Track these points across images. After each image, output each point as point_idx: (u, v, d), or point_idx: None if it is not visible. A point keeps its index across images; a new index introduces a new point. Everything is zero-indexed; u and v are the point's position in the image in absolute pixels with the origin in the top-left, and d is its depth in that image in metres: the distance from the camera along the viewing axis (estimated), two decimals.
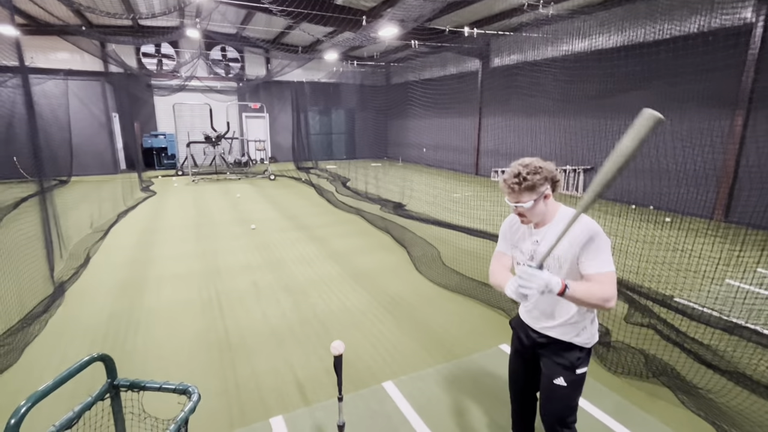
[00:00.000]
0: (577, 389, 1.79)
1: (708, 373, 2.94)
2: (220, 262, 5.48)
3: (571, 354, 1.75)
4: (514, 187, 1.62)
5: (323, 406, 2.72)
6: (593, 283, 1.56)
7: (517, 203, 1.64)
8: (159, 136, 15.36)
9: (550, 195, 1.65)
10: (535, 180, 1.59)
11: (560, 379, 1.75)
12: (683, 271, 4.73)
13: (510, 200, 1.67)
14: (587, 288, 1.54)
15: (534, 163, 1.62)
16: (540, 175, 1.60)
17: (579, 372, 1.76)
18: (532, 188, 1.60)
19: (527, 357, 1.92)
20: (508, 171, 1.67)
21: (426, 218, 7.50)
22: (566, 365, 1.75)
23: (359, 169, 15.08)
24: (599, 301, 1.53)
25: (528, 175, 1.59)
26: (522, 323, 1.92)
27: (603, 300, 1.53)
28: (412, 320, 3.92)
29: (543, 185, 1.61)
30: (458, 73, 14.43)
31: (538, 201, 1.63)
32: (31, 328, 3.66)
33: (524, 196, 1.62)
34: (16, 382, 2.98)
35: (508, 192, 1.66)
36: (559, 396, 1.77)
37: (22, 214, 7.68)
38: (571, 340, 1.74)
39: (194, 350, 3.40)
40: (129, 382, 1.40)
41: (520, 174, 1.60)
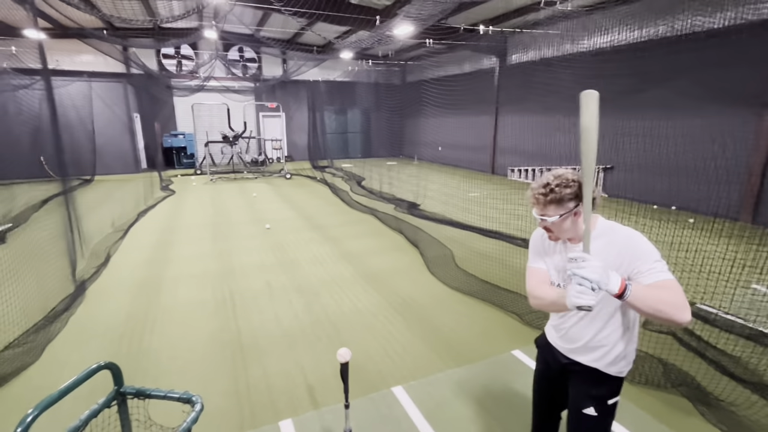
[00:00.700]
0: (609, 418, 1.62)
1: (731, 384, 2.83)
2: (234, 262, 5.55)
3: (604, 384, 1.58)
4: (540, 198, 1.48)
5: (332, 410, 2.73)
6: (661, 290, 1.33)
7: (542, 216, 1.51)
8: (178, 135, 15.66)
9: (580, 214, 1.47)
10: (563, 194, 1.44)
11: (590, 409, 1.59)
12: (706, 276, 4.56)
13: (536, 212, 1.53)
14: (656, 293, 1.30)
15: (567, 175, 1.47)
16: (571, 190, 1.44)
17: (611, 402, 1.59)
18: (559, 202, 1.45)
19: (553, 379, 1.77)
20: (537, 180, 1.53)
21: (440, 218, 7.44)
22: (597, 395, 1.58)
23: (374, 167, 15.07)
24: (672, 308, 1.27)
25: (557, 187, 1.45)
26: (549, 345, 1.77)
27: (676, 307, 1.27)
28: (423, 323, 3.89)
29: (572, 201, 1.45)
30: (474, 71, 14.26)
31: (566, 217, 1.47)
32: (53, 326, 3.78)
33: (550, 209, 1.47)
34: (39, 379, 3.08)
35: (534, 202, 1.52)
36: (589, 427, 1.61)
37: (47, 212, 7.96)
38: (606, 369, 1.57)
39: (207, 350, 3.46)
40: (135, 390, 1.42)
41: (549, 185, 1.46)
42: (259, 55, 16.39)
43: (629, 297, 1.29)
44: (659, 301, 1.29)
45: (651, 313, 1.30)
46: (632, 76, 8.05)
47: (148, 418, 1.52)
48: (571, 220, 1.49)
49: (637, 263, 1.40)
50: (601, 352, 1.57)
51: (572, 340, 1.64)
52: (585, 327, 1.58)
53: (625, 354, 1.57)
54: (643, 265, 1.39)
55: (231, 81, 16.15)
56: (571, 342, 1.65)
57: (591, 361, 1.59)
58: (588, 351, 1.59)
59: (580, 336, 1.60)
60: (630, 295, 1.29)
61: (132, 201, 9.43)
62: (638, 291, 1.30)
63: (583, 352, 1.61)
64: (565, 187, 1.44)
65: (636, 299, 1.29)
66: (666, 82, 7.57)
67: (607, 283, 1.28)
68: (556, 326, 1.72)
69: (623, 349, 1.56)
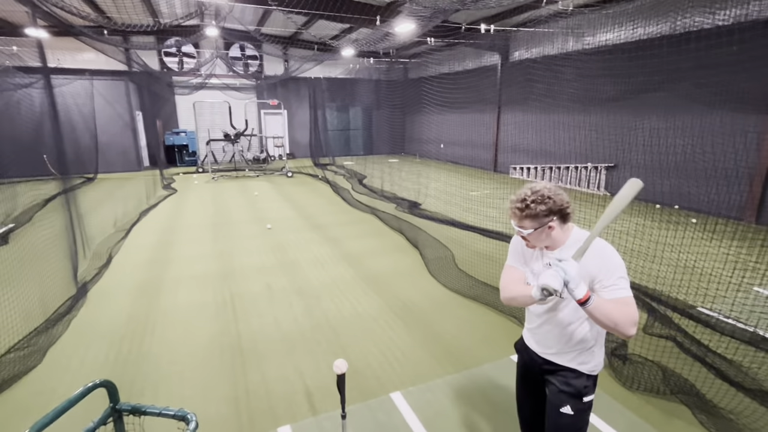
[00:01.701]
0: (585, 416, 1.73)
1: (731, 391, 2.82)
2: (235, 264, 5.56)
3: (578, 381, 1.69)
4: (516, 212, 1.58)
5: (330, 416, 2.74)
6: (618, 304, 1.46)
7: (518, 227, 1.61)
8: (180, 133, 15.67)
9: (554, 227, 1.57)
10: (538, 210, 1.53)
11: (567, 407, 1.69)
12: (708, 278, 4.54)
13: (513, 223, 1.63)
14: (614, 306, 1.44)
15: (543, 191, 1.55)
16: (545, 206, 1.53)
17: (586, 400, 1.70)
18: (534, 217, 1.55)
19: (532, 383, 1.87)
20: (516, 193, 1.62)
21: (441, 218, 7.43)
22: (573, 393, 1.69)
23: (376, 165, 15.05)
24: (625, 323, 1.42)
25: (532, 203, 1.53)
26: (526, 347, 1.86)
27: (630, 323, 1.43)
28: (422, 327, 3.89)
29: (547, 217, 1.54)
30: (477, 68, 14.17)
31: (540, 231, 1.57)
32: (54, 329, 3.80)
33: (525, 222, 1.57)
34: (40, 384, 3.10)
35: (511, 215, 1.63)
36: (566, 424, 1.72)
37: (50, 212, 8.00)
38: (578, 367, 1.69)
39: (207, 354, 3.47)
40: (130, 407, 1.43)
41: (525, 200, 1.55)
42: (261, 53, 16.34)
43: (590, 305, 1.42)
44: (614, 315, 1.43)
45: (604, 323, 1.45)
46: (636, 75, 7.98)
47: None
48: (545, 233, 1.58)
49: (602, 276, 1.51)
50: (574, 353, 1.68)
51: (544, 339, 1.75)
52: (554, 323, 1.69)
53: (594, 351, 1.68)
54: (608, 279, 1.51)
55: (232, 79, 16.11)
56: (542, 341, 1.76)
57: (566, 361, 1.70)
58: (558, 346, 1.70)
59: (550, 332, 1.71)
60: (591, 304, 1.42)
61: (134, 200, 9.45)
62: (600, 303, 1.43)
63: (555, 348, 1.72)
64: (540, 204, 1.53)
65: (596, 309, 1.43)
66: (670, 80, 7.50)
67: (577, 285, 1.40)
68: (532, 330, 1.81)
69: (591, 345, 1.67)
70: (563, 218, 1.58)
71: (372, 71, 16.95)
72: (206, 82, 14.95)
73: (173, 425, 1.51)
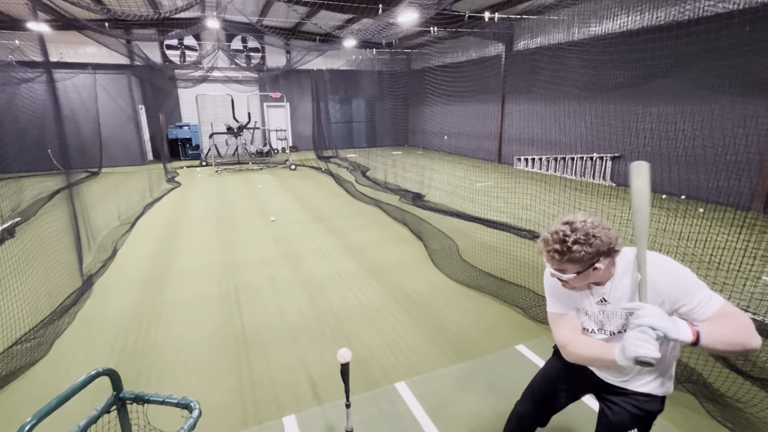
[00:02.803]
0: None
1: (738, 380, 2.80)
2: (239, 255, 5.57)
3: (652, 405, 1.48)
4: (554, 255, 1.31)
5: (335, 406, 2.74)
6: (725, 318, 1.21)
7: (557, 270, 1.35)
8: (183, 127, 15.67)
9: (601, 268, 1.31)
10: (583, 254, 1.26)
11: (634, 430, 1.48)
12: (715, 268, 4.49)
13: (550, 265, 1.37)
14: (725, 327, 1.17)
15: (586, 227, 1.27)
16: (592, 248, 1.26)
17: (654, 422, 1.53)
18: (578, 261, 1.29)
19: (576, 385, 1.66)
20: (551, 231, 1.34)
21: (445, 209, 7.40)
22: (643, 417, 1.47)
23: (379, 157, 15.00)
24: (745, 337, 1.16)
25: (574, 245, 1.26)
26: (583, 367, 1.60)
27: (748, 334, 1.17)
28: (427, 317, 3.89)
29: (593, 259, 1.28)
30: (480, 58, 14.02)
31: (585, 273, 1.32)
32: (60, 321, 3.83)
33: (567, 266, 1.32)
34: (46, 375, 3.13)
35: (547, 258, 1.35)
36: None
37: (56, 206, 8.04)
38: (654, 391, 1.48)
39: (212, 345, 3.49)
40: (134, 395, 1.43)
41: (566, 242, 1.28)
42: (263, 45, 16.24)
43: (704, 342, 1.16)
44: (733, 334, 1.17)
45: (727, 349, 1.18)
46: (641, 63, 7.86)
47: (148, 422, 1.53)
48: (591, 275, 1.34)
49: (684, 297, 1.26)
50: (652, 377, 1.47)
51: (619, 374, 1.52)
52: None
53: (671, 374, 1.49)
54: (692, 299, 1.25)
55: (234, 71, 16.06)
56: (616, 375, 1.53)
57: (639, 386, 1.49)
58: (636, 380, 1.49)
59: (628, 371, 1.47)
60: (704, 338, 1.16)
61: (138, 193, 9.48)
62: (710, 332, 1.17)
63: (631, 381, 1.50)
64: (585, 245, 1.26)
65: (711, 341, 1.16)
66: (678, 68, 7.38)
67: (678, 331, 1.15)
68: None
69: (671, 368, 1.48)
70: (610, 254, 1.32)
71: (375, 62, 16.83)
72: (208, 75, 14.91)
73: (177, 413, 1.51)
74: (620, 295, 1.38)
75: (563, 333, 1.47)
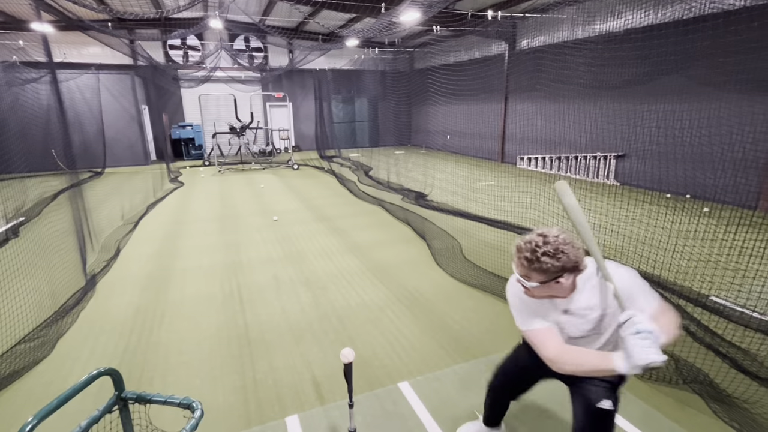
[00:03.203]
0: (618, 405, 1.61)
1: (745, 380, 2.76)
2: (242, 255, 5.57)
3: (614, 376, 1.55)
4: (523, 262, 1.40)
5: (338, 406, 2.73)
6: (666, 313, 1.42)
7: (522, 276, 1.43)
8: (186, 127, 15.70)
9: (563, 283, 1.40)
10: (550, 266, 1.35)
11: (607, 402, 1.53)
12: (721, 267, 4.45)
13: (516, 271, 1.46)
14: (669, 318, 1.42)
15: (558, 242, 1.35)
16: (558, 263, 1.35)
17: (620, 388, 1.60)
18: (543, 272, 1.37)
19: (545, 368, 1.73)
20: (525, 240, 1.43)
21: (448, 209, 7.37)
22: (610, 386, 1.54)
23: (382, 157, 14.97)
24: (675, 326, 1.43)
25: (543, 256, 1.35)
26: None
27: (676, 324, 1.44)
28: (430, 317, 3.87)
29: (557, 273, 1.37)
30: (483, 57, 13.97)
31: (548, 285, 1.41)
32: (64, 321, 3.83)
33: (533, 274, 1.39)
34: (50, 374, 3.13)
35: (517, 263, 1.44)
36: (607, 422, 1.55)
37: (59, 206, 8.07)
38: None
39: (215, 344, 3.48)
40: (135, 395, 1.42)
41: (536, 252, 1.36)
42: (265, 45, 16.25)
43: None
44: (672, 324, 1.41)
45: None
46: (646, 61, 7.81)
47: (150, 423, 1.52)
48: (553, 288, 1.43)
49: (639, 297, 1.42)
50: None
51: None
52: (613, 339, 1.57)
53: None
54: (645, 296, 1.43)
55: (237, 71, 16.07)
56: None
57: None
58: None
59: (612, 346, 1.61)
60: None
61: (141, 193, 9.51)
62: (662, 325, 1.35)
63: None
64: (552, 258, 1.35)
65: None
66: (682, 66, 7.32)
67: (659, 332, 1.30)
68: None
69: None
70: (574, 271, 1.41)
71: (377, 62, 16.80)
72: (211, 75, 14.93)
73: (179, 414, 1.50)
74: (584, 305, 1.48)
75: (552, 347, 1.49)
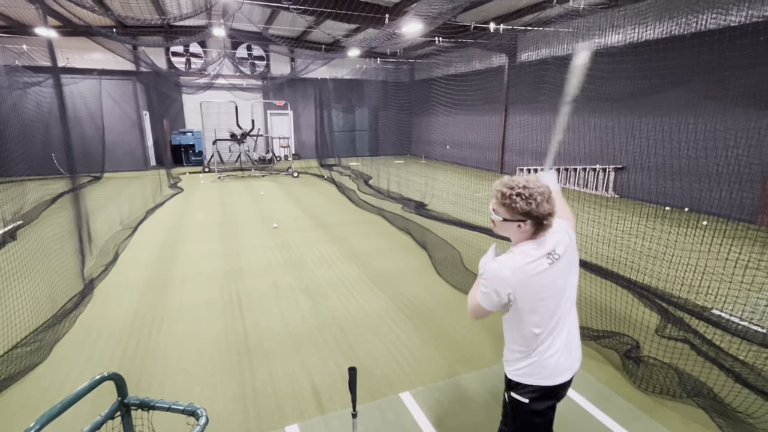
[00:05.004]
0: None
1: (750, 395, 2.75)
2: (242, 262, 5.54)
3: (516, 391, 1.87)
4: (498, 196, 1.53)
5: (339, 415, 2.69)
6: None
7: (493, 208, 1.57)
8: (187, 133, 15.72)
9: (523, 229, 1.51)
10: (518, 206, 1.45)
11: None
12: (721, 281, 4.45)
13: (491, 204, 1.60)
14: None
15: (535, 191, 1.45)
16: (527, 207, 1.44)
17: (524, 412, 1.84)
18: (510, 210, 1.48)
19: None
20: (512, 179, 1.54)
21: (448, 218, 7.37)
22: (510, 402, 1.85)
23: (382, 166, 15.01)
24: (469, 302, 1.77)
25: (516, 196, 1.45)
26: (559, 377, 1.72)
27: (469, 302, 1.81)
28: (431, 326, 3.84)
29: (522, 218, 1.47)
30: (483, 69, 14.11)
31: (509, 224, 1.52)
32: (61, 325, 3.79)
33: (501, 209, 1.53)
34: (46, 379, 3.08)
35: (494, 196, 1.56)
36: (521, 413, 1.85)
37: (58, 210, 8.03)
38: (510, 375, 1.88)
39: (214, 351, 3.44)
40: (139, 401, 1.39)
41: (513, 190, 1.47)
42: (268, 53, 16.37)
43: None
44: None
45: None
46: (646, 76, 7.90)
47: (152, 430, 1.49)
48: (513, 229, 1.54)
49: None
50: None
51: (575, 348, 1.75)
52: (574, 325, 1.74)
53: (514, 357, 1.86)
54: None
55: (239, 79, 16.16)
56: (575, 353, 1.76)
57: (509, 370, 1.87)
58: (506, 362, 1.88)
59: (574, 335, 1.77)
60: None
61: (141, 198, 9.48)
62: None
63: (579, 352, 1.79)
64: (524, 201, 1.45)
65: None
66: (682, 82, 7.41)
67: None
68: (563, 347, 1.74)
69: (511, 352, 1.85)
70: (537, 226, 1.49)
71: (378, 72, 16.93)
72: (213, 82, 15.00)
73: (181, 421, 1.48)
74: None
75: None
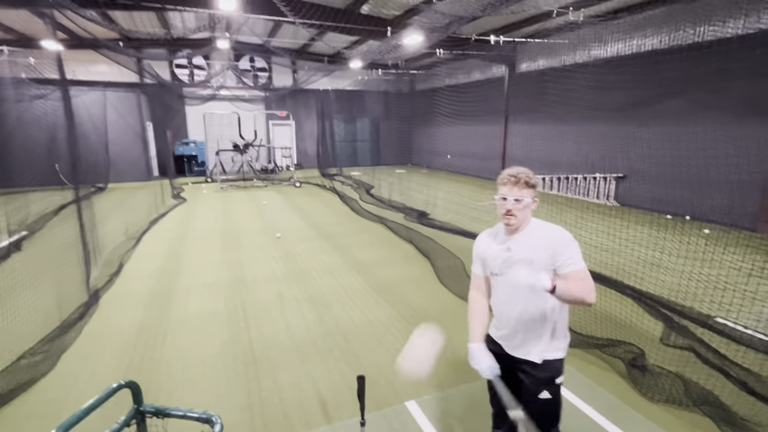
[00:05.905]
0: (560, 395, 1.88)
1: (757, 404, 2.74)
2: (246, 272, 5.56)
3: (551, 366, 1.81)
4: (526, 181, 1.71)
5: (345, 425, 2.69)
6: (576, 280, 1.64)
7: (515, 196, 1.71)
8: (190, 144, 15.85)
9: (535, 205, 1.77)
10: (534, 182, 1.74)
11: (545, 392, 1.81)
12: (724, 289, 4.46)
13: (509, 194, 1.72)
14: (574, 284, 1.62)
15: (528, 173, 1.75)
16: (536, 184, 1.76)
17: (558, 381, 1.83)
18: (532, 187, 1.73)
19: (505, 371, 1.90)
20: (507, 172, 1.76)
21: (450, 228, 7.40)
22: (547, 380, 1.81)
23: (383, 176, 15.09)
24: (587, 294, 1.61)
25: (533, 177, 1.74)
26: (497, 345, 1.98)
27: (590, 291, 1.62)
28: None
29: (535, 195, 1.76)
30: (484, 79, 14.27)
31: (532, 202, 1.74)
32: (67, 336, 3.80)
33: (525, 191, 1.71)
34: (52, 391, 3.09)
35: (513, 183, 1.71)
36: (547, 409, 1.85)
37: (62, 220, 8.07)
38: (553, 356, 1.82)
39: (219, 362, 3.45)
40: (154, 409, 1.42)
41: (525, 174, 1.73)
42: (270, 65, 16.58)
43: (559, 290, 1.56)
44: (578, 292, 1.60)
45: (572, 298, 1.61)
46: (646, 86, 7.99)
47: None
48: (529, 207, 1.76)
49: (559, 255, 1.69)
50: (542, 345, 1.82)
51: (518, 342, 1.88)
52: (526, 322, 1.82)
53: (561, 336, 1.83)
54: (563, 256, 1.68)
55: (242, 90, 16.34)
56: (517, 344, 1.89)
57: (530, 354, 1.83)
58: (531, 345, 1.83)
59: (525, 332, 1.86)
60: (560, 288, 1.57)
61: (144, 209, 9.53)
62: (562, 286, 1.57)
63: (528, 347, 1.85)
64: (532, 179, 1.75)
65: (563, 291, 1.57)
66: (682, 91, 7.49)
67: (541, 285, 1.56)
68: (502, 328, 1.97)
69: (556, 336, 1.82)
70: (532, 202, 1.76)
71: (380, 83, 17.11)
72: (216, 94, 15.17)
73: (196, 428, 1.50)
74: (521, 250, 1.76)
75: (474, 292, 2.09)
